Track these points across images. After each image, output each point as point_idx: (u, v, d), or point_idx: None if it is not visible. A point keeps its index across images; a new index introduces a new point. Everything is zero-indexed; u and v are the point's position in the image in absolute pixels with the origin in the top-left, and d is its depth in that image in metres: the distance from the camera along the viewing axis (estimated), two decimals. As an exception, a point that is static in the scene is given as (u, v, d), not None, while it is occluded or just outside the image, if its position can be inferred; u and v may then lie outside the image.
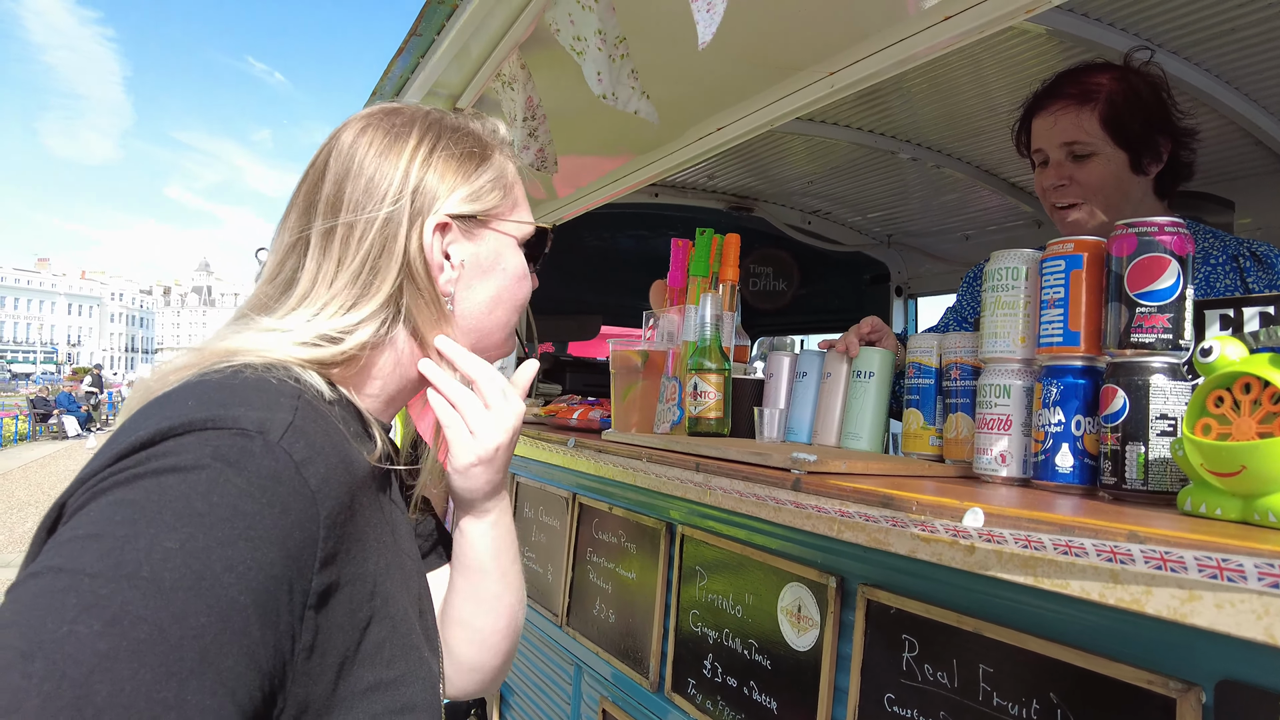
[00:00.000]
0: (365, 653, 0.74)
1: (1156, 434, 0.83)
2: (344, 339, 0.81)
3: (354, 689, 0.72)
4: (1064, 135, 1.52)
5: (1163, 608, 0.59)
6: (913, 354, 1.22)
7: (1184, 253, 0.86)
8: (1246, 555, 0.52)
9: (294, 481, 0.67)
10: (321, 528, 0.68)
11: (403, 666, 0.78)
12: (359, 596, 0.74)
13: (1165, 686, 0.88)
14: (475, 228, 0.90)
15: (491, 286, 0.92)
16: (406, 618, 0.82)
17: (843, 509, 0.90)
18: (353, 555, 0.73)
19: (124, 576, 0.57)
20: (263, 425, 0.67)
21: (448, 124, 0.91)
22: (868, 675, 1.23)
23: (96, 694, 0.53)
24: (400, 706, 0.77)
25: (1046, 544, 0.66)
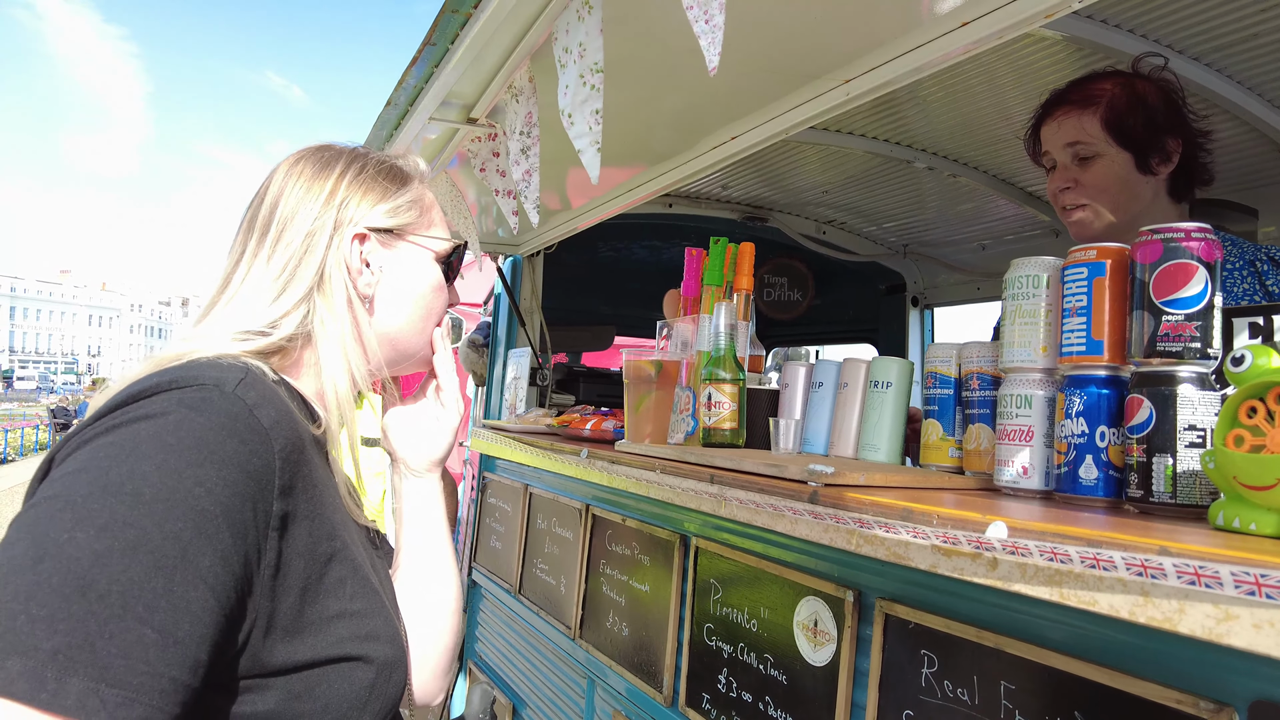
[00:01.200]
0: (328, 585, 0.85)
1: (1185, 445, 0.81)
2: (271, 332, 0.94)
3: (321, 615, 0.84)
4: (1067, 137, 1.57)
5: (1197, 627, 0.56)
6: (931, 364, 1.20)
7: (1212, 259, 0.83)
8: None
9: (249, 419, 0.79)
10: (276, 459, 0.80)
11: (364, 602, 0.90)
12: (319, 533, 0.85)
13: (1196, 707, 0.85)
14: (393, 240, 1.04)
15: (409, 292, 1.05)
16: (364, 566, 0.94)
17: (861, 520, 0.88)
18: (309, 495, 0.85)
19: (110, 494, 0.68)
20: (219, 380, 0.80)
21: (372, 156, 1.07)
22: (886, 691, 1.20)
23: (98, 582, 0.64)
24: (365, 634, 0.88)
25: (1073, 557, 0.64)
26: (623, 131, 1.83)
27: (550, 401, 2.76)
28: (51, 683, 0.60)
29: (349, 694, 0.85)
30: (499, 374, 3.04)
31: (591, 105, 1.10)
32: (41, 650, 0.60)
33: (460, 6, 1.17)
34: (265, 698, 0.79)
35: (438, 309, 1.09)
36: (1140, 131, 1.53)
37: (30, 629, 0.61)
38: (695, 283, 1.60)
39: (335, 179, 1.01)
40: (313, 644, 0.82)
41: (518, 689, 2.40)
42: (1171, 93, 1.59)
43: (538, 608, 2.30)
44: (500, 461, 2.80)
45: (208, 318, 0.96)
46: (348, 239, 0.99)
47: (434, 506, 1.21)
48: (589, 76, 1.08)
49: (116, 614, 0.64)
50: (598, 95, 1.10)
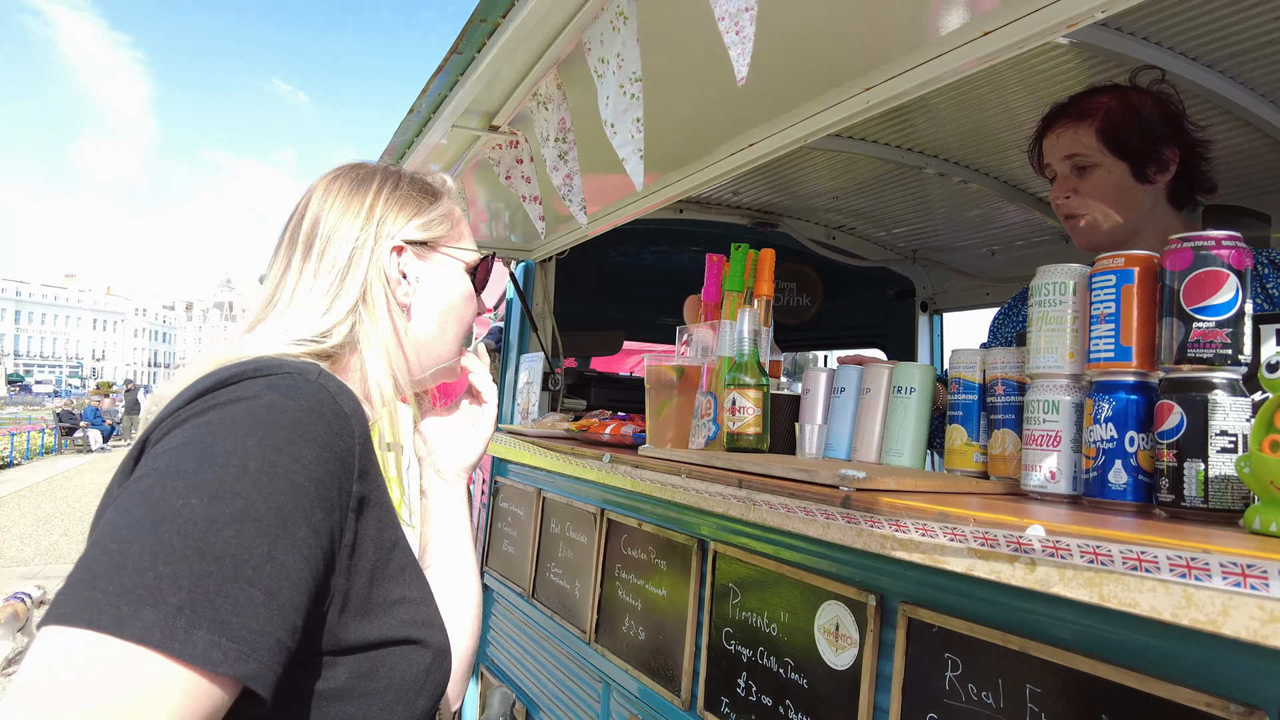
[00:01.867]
0: (393, 570, 0.89)
1: (1217, 450, 0.82)
2: (323, 340, 0.99)
3: (387, 598, 0.88)
4: (1066, 150, 1.64)
5: (1241, 629, 0.57)
6: (955, 369, 1.21)
7: (1242, 266, 0.84)
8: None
9: (332, 405, 0.83)
10: (356, 444, 0.84)
11: (420, 591, 0.95)
12: (385, 519, 0.89)
13: (1226, 710, 0.85)
14: (427, 252, 1.09)
15: (442, 301, 1.11)
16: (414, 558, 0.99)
17: (897, 524, 0.89)
18: (377, 483, 0.89)
19: (218, 465, 0.73)
20: (301, 370, 0.85)
21: (405, 174, 1.13)
22: (909, 695, 1.21)
23: (214, 544, 0.69)
24: (423, 620, 0.93)
25: (1115, 555, 0.65)
26: (640, 138, 1.85)
27: (562, 406, 2.77)
28: (181, 633, 0.65)
29: (409, 675, 0.90)
30: (511, 379, 3.05)
31: (633, 114, 1.13)
32: (169, 604, 0.65)
33: (488, 15, 1.19)
34: (336, 674, 0.83)
35: (468, 317, 1.15)
36: (1135, 142, 1.58)
37: (158, 584, 0.66)
38: (716, 288, 1.62)
39: (373, 195, 1.07)
40: (380, 624, 0.86)
41: (531, 693, 2.40)
42: (1169, 104, 1.64)
43: (552, 612, 2.31)
44: (512, 465, 2.81)
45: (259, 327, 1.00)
46: (387, 251, 1.05)
47: (461, 510, 1.26)
48: (629, 86, 1.10)
49: (230, 575, 0.68)
50: (638, 104, 1.12)
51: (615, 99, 1.12)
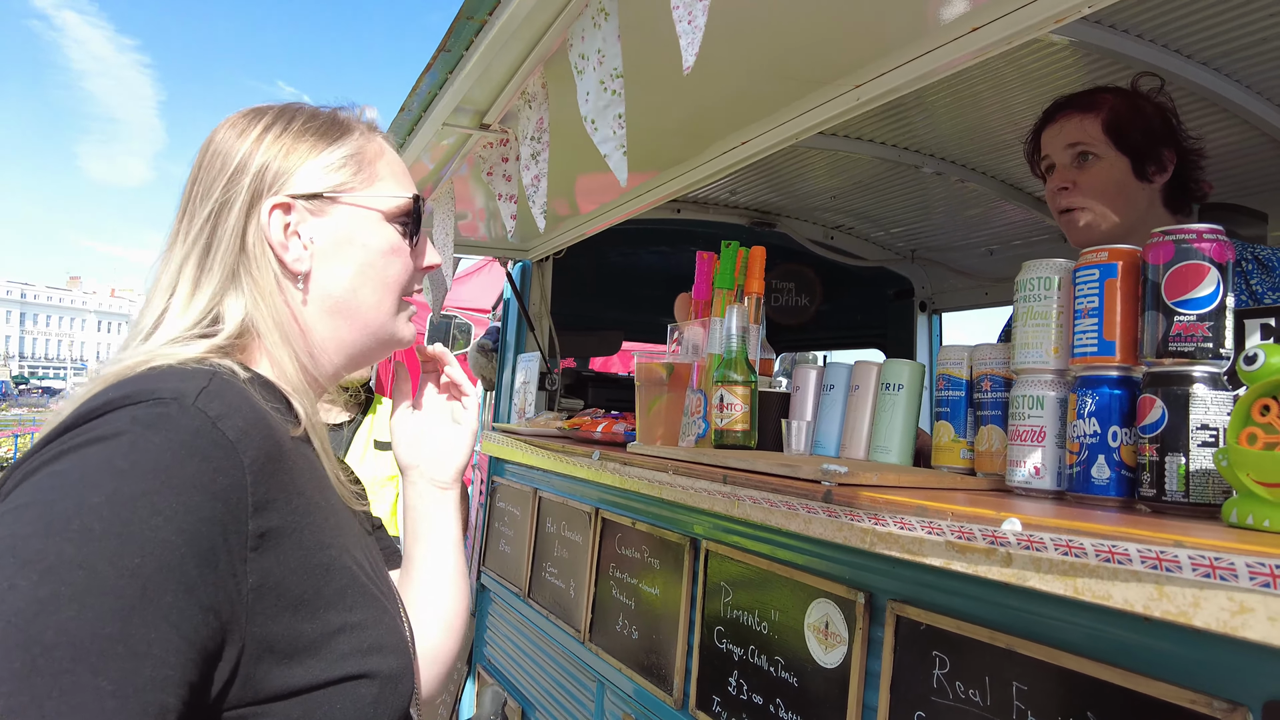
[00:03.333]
0: (327, 598, 0.78)
1: (1197, 445, 0.81)
2: (214, 330, 0.85)
3: (321, 631, 0.77)
4: (1069, 139, 1.62)
5: (1212, 620, 0.57)
6: (942, 366, 1.21)
7: (1223, 260, 0.84)
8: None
9: (212, 433, 0.71)
10: (247, 474, 0.72)
11: (366, 612, 0.83)
12: (310, 543, 0.78)
13: (1209, 707, 0.85)
14: (325, 205, 0.91)
15: (353, 263, 0.92)
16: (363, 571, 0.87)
17: (876, 518, 0.89)
18: (295, 504, 0.77)
19: (55, 532, 0.62)
20: (178, 392, 0.72)
21: (304, 110, 0.95)
22: (897, 693, 1.20)
23: (44, 635, 0.57)
24: (368, 647, 0.81)
25: (1088, 549, 0.64)
26: (633, 137, 1.84)
27: (559, 406, 2.77)
28: None
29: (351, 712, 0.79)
30: (508, 379, 3.05)
31: (614, 110, 1.11)
32: None
33: (475, 13, 1.19)
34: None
35: (394, 275, 0.95)
36: (1139, 138, 1.59)
37: None
38: (706, 286, 1.62)
39: (253, 143, 0.90)
40: (312, 666, 0.76)
41: (527, 693, 2.40)
42: (1167, 112, 1.66)
43: (547, 611, 2.31)
44: (509, 465, 2.81)
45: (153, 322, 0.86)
46: (266, 210, 0.88)
47: (450, 524, 1.13)
48: (609, 82, 1.08)
49: (66, 668, 0.57)
50: (620, 100, 1.10)
51: (595, 95, 1.11)
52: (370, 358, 0.99)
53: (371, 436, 2.53)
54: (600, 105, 1.11)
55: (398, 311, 0.97)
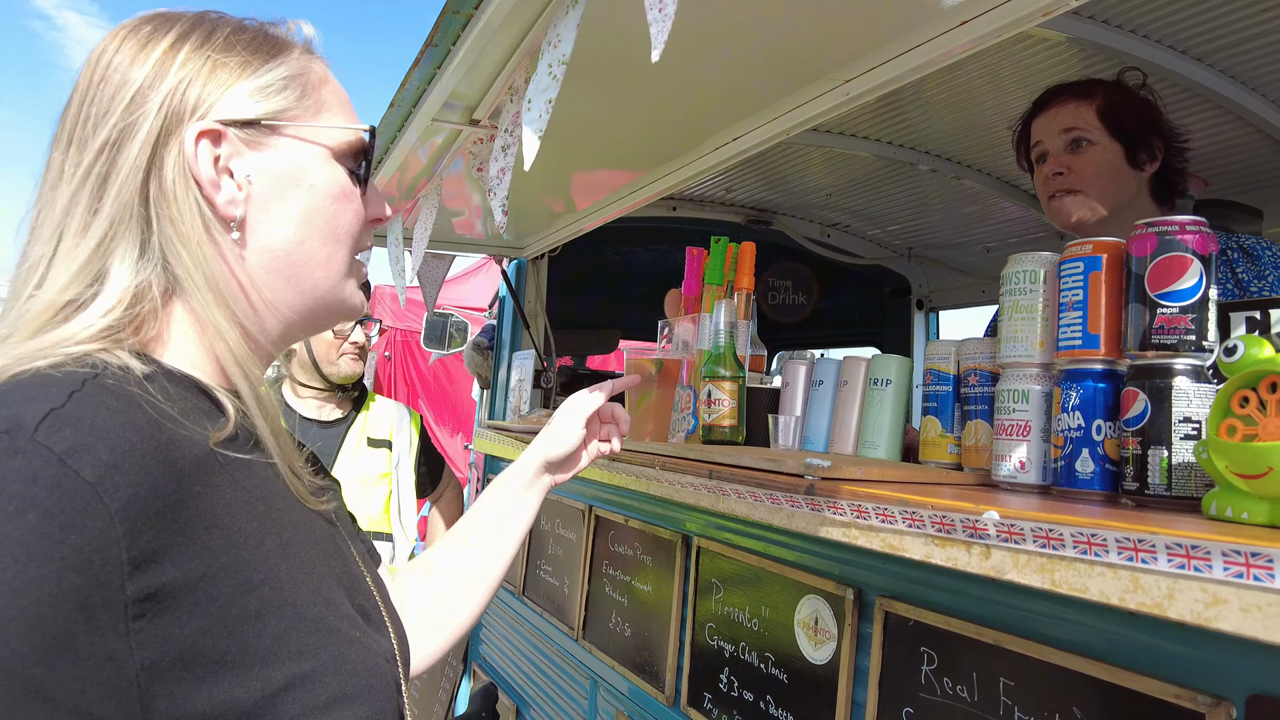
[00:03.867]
0: (263, 650, 0.64)
1: (1180, 437, 0.81)
2: (93, 300, 0.66)
3: (264, 691, 0.63)
4: (1064, 123, 1.63)
5: (1186, 612, 0.57)
6: (930, 361, 1.21)
7: (1206, 252, 0.84)
8: (1277, 549, 0.50)
9: (58, 477, 0.54)
10: (118, 524, 0.55)
11: (323, 656, 0.68)
12: (225, 593, 0.62)
13: (1194, 701, 0.85)
14: (264, 135, 0.74)
15: (297, 208, 0.75)
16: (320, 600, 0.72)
17: (858, 510, 0.89)
18: (201, 546, 0.61)
19: None
20: (14, 422, 0.55)
21: (226, 19, 0.76)
22: (886, 688, 1.20)
23: None
24: (327, 700, 0.67)
25: (1066, 540, 0.64)
26: (625, 134, 1.84)
27: (554, 404, 2.77)
28: None
29: None
30: (504, 376, 3.05)
31: (549, 94, 1.08)
32: None
33: (461, 7, 1.18)
34: None
35: (344, 224, 0.78)
36: (1133, 125, 1.61)
37: None
38: (696, 282, 1.61)
39: (164, 53, 0.71)
40: None
41: (521, 690, 2.40)
42: (1154, 105, 1.69)
43: (541, 609, 2.31)
44: (504, 463, 2.81)
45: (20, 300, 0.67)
46: (191, 138, 0.70)
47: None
48: (555, 67, 1.07)
49: None
50: (556, 85, 1.08)
51: (540, 77, 1.09)
52: (310, 329, 0.82)
53: (364, 434, 2.53)
54: (540, 87, 1.09)
55: (349, 273, 0.80)
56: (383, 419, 2.60)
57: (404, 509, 2.58)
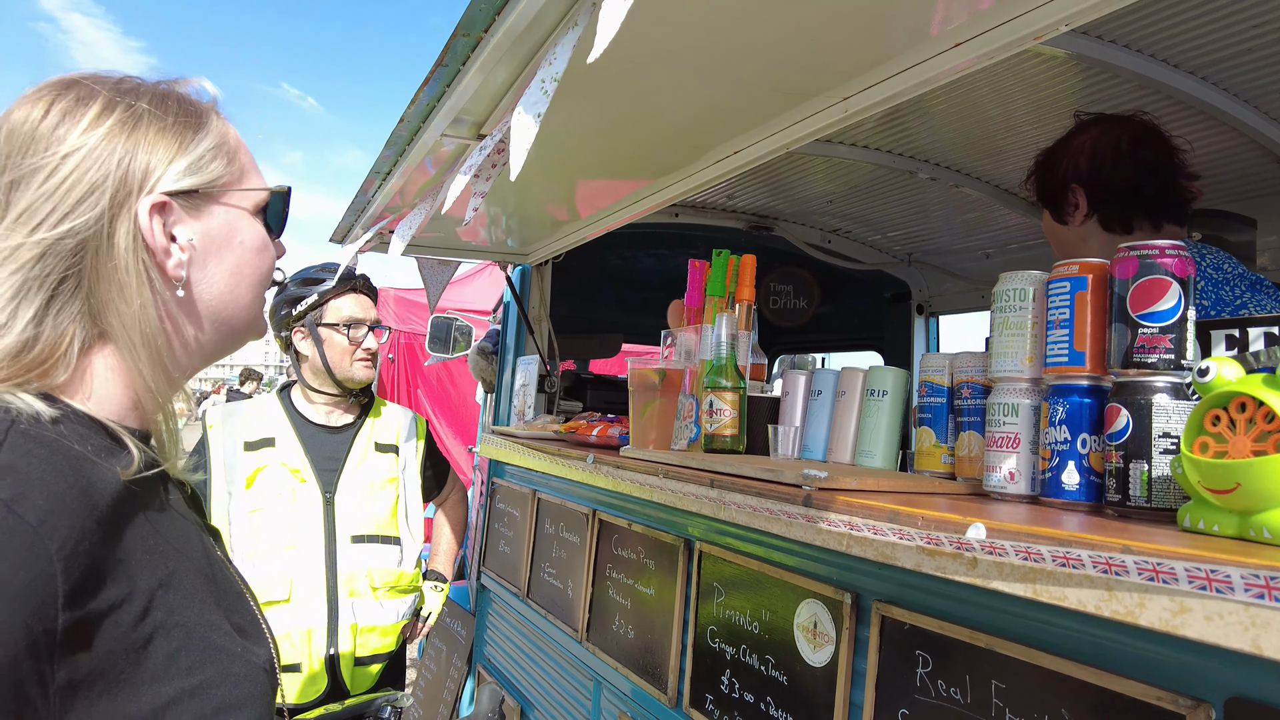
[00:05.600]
0: (153, 669, 0.71)
1: (1159, 452, 0.85)
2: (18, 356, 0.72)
3: (155, 704, 0.70)
4: None
5: (1155, 620, 0.60)
6: (925, 373, 1.24)
7: (1185, 274, 0.87)
8: (1234, 567, 0.54)
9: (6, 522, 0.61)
10: (56, 562, 0.62)
11: (208, 671, 0.76)
12: (127, 620, 0.69)
13: (1175, 703, 0.88)
14: (201, 202, 0.82)
15: (229, 264, 0.85)
16: (205, 621, 0.79)
17: (852, 523, 0.92)
18: (113, 579, 0.69)
19: None
20: None
21: (143, 88, 0.82)
22: (882, 691, 1.24)
23: None
24: (213, 710, 0.75)
25: (1045, 556, 0.68)
26: (629, 145, 1.88)
27: (558, 408, 2.81)
28: None
29: None
30: (508, 381, 3.09)
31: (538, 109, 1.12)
32: None
33: (471, 30, 1.22)
34: None
35: (265, 270, 0.90)
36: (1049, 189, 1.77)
37: None
38: (698, 293, 1.65)
39: (104, 134, 0.76)
40: None
41: (526, 692, 2.44)
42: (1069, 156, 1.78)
43: (545, 611, 2.34)
44: (509, 467, 2.84)
45: None
46: (145, 211, 0.77)
47: None
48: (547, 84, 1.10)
49: None
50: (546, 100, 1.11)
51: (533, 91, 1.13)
52: (216, 360, 0.91)
53: (372, 439, 2.57)
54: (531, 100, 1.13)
55: (262, 307, 0.92)
56: (390, 424, 2.64)
57: (410, 513, 2.61)
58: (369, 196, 2.08)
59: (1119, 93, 2.00)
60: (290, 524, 2.36)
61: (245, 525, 2.35)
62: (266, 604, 2.31)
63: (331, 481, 2.44)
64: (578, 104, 1.61)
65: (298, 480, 2.40)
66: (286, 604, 2.32)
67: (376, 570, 2.45)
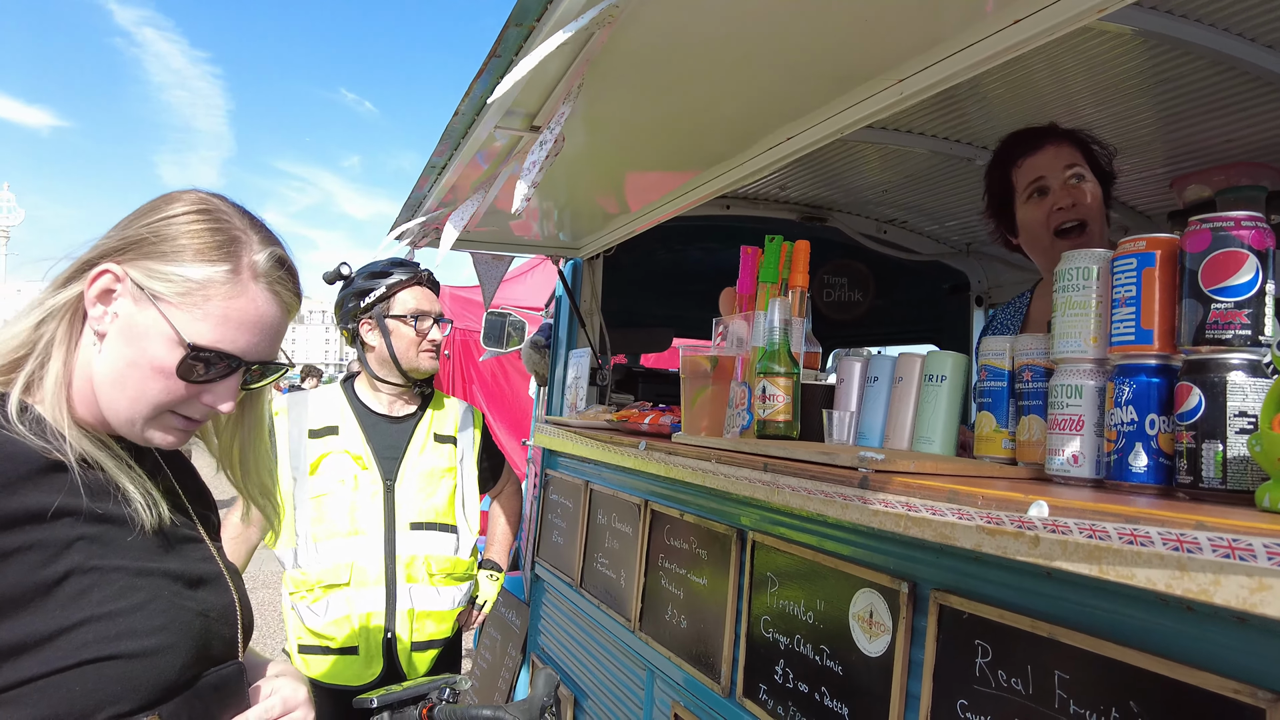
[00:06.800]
0: (63, 600, 0.89)
1: (1235, 431, 0.81)
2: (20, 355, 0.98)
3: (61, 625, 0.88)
4: (1066, 159, 1.78)
5: (1231, 598, 0.58)
6: (984, 357, 1.21)
7: (1263, 247, 0.84)
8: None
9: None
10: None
11: (120, 604, 0.93)
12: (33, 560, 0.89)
13: (1254, 696, 0.84)
14: (143, 298, 0.99)
15: (126, 354, 0.99)
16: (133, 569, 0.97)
17: (909, 504, 0.91)
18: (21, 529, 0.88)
19: None
20: None
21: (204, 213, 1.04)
22: (940, 681, 1.21)
23: None
24: (116, 634, 0.92)
25: (1112, 534, 0.66)
26: (679, 135, 1.88)
27: (610, 400, 2.82)
28: None
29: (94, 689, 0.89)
30: (560, 374, 3.11)
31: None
32: None
33: (523, 20, 1.23)
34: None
35: (151, 395, 1.00)
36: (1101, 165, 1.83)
37: None
38: (751, 280, 1.64)
39: (154, 217, 1.02)
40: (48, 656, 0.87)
41: (579, 681, 2.46)
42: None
43: (598, 601, 2.36)
44: (562, 459, 2.87)
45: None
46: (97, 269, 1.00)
47: None
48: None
49: None
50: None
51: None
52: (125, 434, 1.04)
53: (432, 430, 2.62)
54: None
55: (149, 421, 1.02)
56: (449, 416, 2.69)
57: (468, 502, 2.66)
58: (424, 192, 2.12)
59: (1189, 70, 1.92)
60: (351, 510, 2.42)
61: (308, 510, 2.42)
62: (329, 586, 2.37)
63: (392, 470, 2.50)
64: (629, 94, 1.61)
65: (360, 467, 2.46)
66: (347, 587, 2.39)
67: (434, 557, 2.50)
